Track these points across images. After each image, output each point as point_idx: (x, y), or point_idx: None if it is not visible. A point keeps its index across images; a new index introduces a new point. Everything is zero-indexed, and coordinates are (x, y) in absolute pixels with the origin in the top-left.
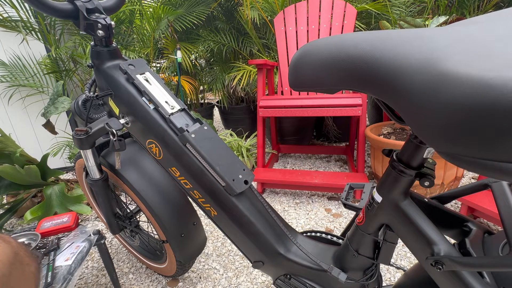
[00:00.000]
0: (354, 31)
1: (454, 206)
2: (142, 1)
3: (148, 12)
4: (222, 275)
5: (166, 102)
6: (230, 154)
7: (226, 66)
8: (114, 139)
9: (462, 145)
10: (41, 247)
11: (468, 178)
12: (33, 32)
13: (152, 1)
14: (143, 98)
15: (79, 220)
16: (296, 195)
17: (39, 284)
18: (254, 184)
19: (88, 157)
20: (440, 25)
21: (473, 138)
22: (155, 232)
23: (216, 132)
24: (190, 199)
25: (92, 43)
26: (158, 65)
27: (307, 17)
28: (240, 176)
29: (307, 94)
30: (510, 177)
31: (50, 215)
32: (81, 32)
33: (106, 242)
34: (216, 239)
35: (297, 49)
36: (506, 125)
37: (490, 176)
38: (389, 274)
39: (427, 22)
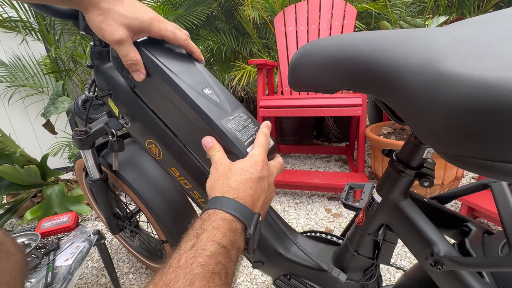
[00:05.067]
0: (354, 31)
1: (454, 206)
2: (142, 1)
3: None
4: None
5: None
6: None
7: (226, 65)
8: (113, 140)
9: (461, 145)
10: (41, 247)
11: (468, 178)
12: (33, 32)
13: (152, 1)
14: None
15: (79, 220)
16: (296, 195)
17: (26, 274)
18: None
19: (88, 157)
20: (440, 25)
21: (472, 138)
22: (155, 232)
23: None
24: (189, 199)
25: (91, 43)
26: None
27: (307, 17)
28: None
29: (307, 94)
30: (509, 178)
31: (50, 215)
32: (81, 32)
33: (106, 242)
34: None
35: (297, 49)
36: (505, 125)
37: (489, 177)
38: (389, 274)
39: (427, 22)
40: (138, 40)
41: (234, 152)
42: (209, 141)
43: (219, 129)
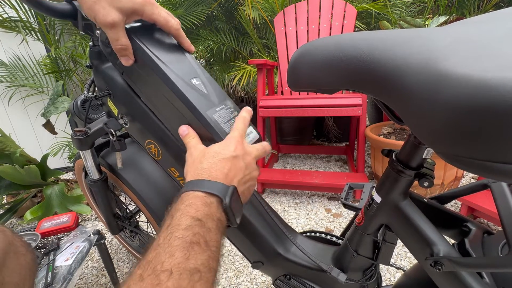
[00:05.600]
0: (354, 31)
1: (454, 206)
2: None
3: None
4: (222, 275)
5: None
6: None
7: (226, 65)
8: (114, 140)
9: (460, 145)
10: (41, 247)
11: (468, 178)
12: (32, 32)
13: None
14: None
15: (79, 220)
16: (296, 195)
17: (35, 274)
18: None
19: (87, 157)
20: (440, 25)
21: (471, 139)
22: (154, 233)
23: None
24: None
25: (90, 43)
26: None
27: (307, 17)
28: None
29: (307, 94)
30: (508, 178)
31: (50, 215)
32: (80, 33)
33: (106, 242)
34: None
35: (297, 49)
36: (505, 126)
37: (489, 177)
38: (389, 274)
39: (427, 22)
40: (128, 27)
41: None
42: (184, 129)
43: (204, 119)
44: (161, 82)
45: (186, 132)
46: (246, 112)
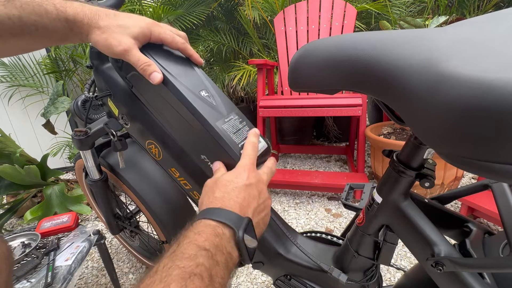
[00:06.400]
0: (354, 31)
1: (454, 206)
2: (142, 1)
3: (148, 12)
4: None
5: None
6: None
7: (226, 65)
8: (115, 140)
9: (462, 146)
10: (41, 247)
11: (468, 178)
12: None
13: (152, 1)
14: None
15: (79, 220)
16: (296, 195)
17: (12, 265)
18: None
19: (88, 157)
20: (440, 25)
21: (473, 139)
22: (155, 233)
23: None
24: (190, 199)
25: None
26: None
27: (307, 17)
28: None
29: (307, 94)
30: (510, 179)
31: (50, 215)
32: None
33: (106, 242)
34: None
35: (297, 49)
36: (506, 126)
37: (490, 178)
38: (389, 274)
39: (427, 22)
40: None
41: (229, 153)
42: (216, 165)
43: (214, 130)
44: (171, 95)
45: (217, 167)
46: (254, 136)
